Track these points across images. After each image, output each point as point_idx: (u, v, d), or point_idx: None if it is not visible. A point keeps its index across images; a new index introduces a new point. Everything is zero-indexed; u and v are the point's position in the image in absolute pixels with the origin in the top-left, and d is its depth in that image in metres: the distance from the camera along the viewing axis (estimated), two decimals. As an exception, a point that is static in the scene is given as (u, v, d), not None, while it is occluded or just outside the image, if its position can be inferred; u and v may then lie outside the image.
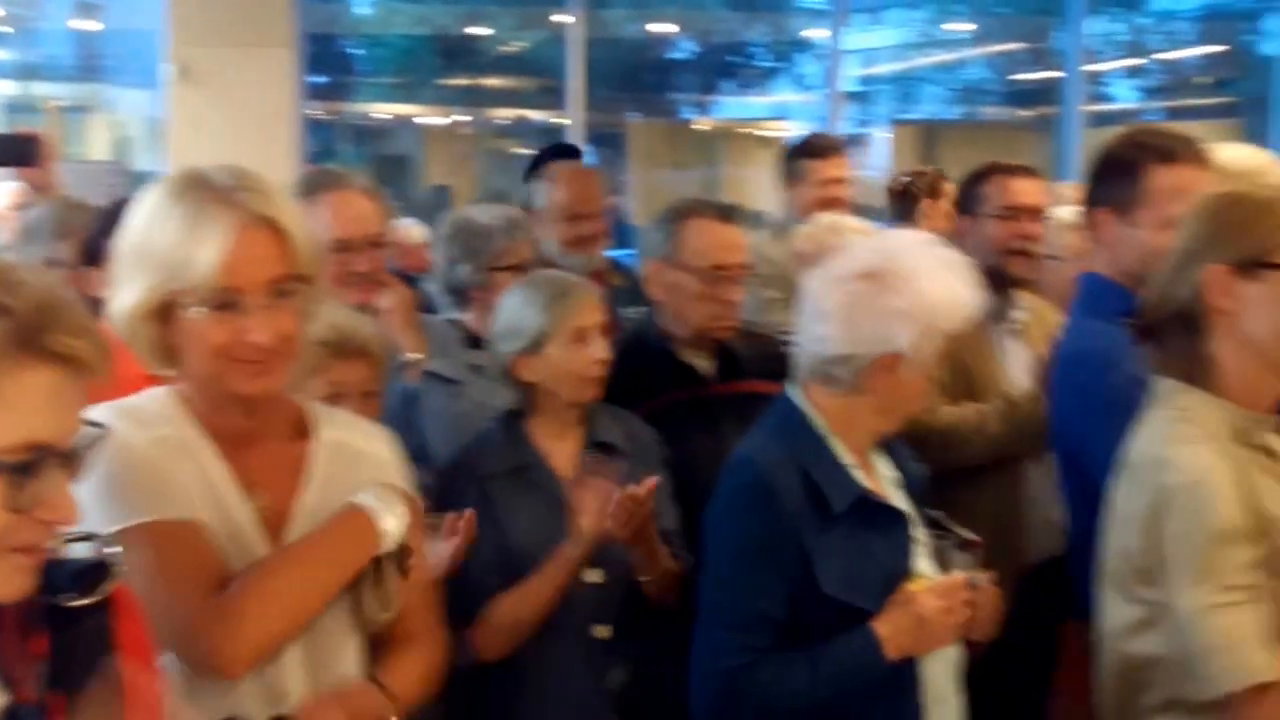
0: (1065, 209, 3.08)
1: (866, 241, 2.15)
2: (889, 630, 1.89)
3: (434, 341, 2.69)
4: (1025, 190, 2.96)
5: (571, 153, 4.39)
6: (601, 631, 2.30)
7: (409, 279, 3.56)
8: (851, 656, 1.90)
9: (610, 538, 2.20)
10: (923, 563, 2.02)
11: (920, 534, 2.05)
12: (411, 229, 5.20)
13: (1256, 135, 7.31)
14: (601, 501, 2.18)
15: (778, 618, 1.91)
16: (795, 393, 2.04)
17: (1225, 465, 1.69)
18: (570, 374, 2.33)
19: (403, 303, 2.68)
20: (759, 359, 2.61)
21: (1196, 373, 1.77)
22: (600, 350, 2.33)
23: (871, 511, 1.98)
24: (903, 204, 4.36)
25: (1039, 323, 2.92)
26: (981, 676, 2.11)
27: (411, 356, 2.60)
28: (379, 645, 1.67)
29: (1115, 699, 1.82)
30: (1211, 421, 1.74)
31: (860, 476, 1.99)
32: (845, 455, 1.98)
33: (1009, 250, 2.90)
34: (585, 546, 2.20)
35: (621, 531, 2.19)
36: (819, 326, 1.96)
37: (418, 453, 2.52)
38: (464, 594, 2.15)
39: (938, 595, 1.92)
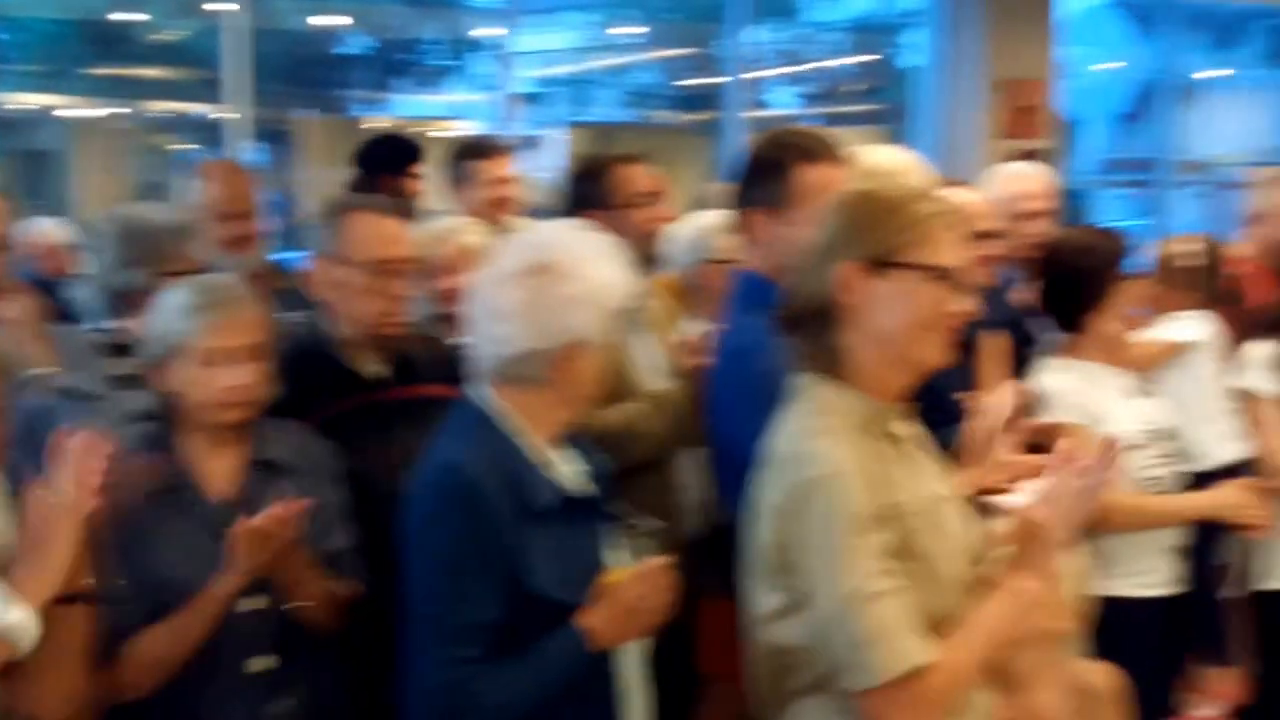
0: (718, 209, 3.16)
1: (522, 237, 2.13)
2: (596, 623, 1.93)
3: (68, 354, 2.48)
4: (648, 176, 3.06)
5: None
6: (263, 663, 2.16)
7: (48, 284, 3.30)
8: (564, 654, 1.91)
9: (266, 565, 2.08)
10: (616, 552, 2.05)
11: (611, 524, 2.08)
12: (51, 230, 4.84)
13: (900, 141, 7.81)
14: (255, 527, 2.05)
15: (492, 624, 1.89)
16: (478, 394, 2.01)
17: (859, 456, 1.74)
18: (200, 394, 2.16)
19: (29, 311, 2.47)
20: (432, 362, 2.54)
21: (832, 365, 1.82)
22: (233, 377, 2.15)
23: (573, 506, 1.99)
24: None
25: (659, 311, 3.00)
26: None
27: (39, 371, 2.38)
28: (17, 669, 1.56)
29: (766, 683, 1.86)
30: (845, 413, 1.79)
31: (556, 472, 2.00)
32: (540, 452, 1.99)
33: (651, 234, 3.00)
34: (240, 578, 2.06)
35: (268, 559, 2.07)
36: (497, 327, 1.95)
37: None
38: (106, 627, 1.95)
39: (638, 583, 1.96)
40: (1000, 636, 1.79)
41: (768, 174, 2.31)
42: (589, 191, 3.01)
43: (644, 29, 9.30)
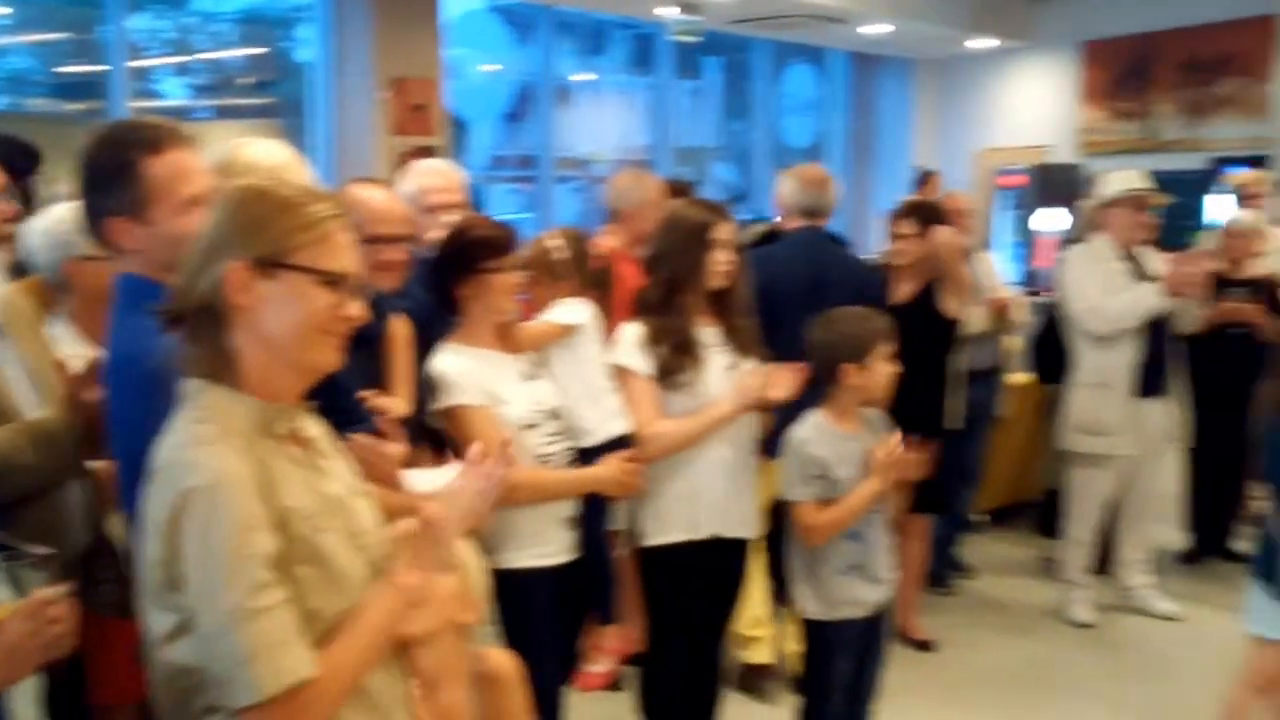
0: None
1: None
2: None
3: None
4: None
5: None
6: None
7: None
8: None
9: None
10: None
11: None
12: None
13: (294, 135, 7.78)
14: None
15: None
16: None
17: (247, 463, 1.68)
18: None
19: None
20: None
21: (222, 369, 1.76)
22: None
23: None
24: None
25: (17, 318, 2.72)
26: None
27: None
28: None
29: (169, 708, 1.78)
30: (235, 418, 1.73)
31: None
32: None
33: (5, 237, 2.68)
34: None
35: None
36: None
37: None
38: None
39: (22, 619, 1.81)
40: (385, 634, 1.80)
41: (115, 178, 2.13)
42: None
43: (10, 11, 8.51)
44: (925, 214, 4.98)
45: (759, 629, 4.57)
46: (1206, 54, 10.21)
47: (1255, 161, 8.23)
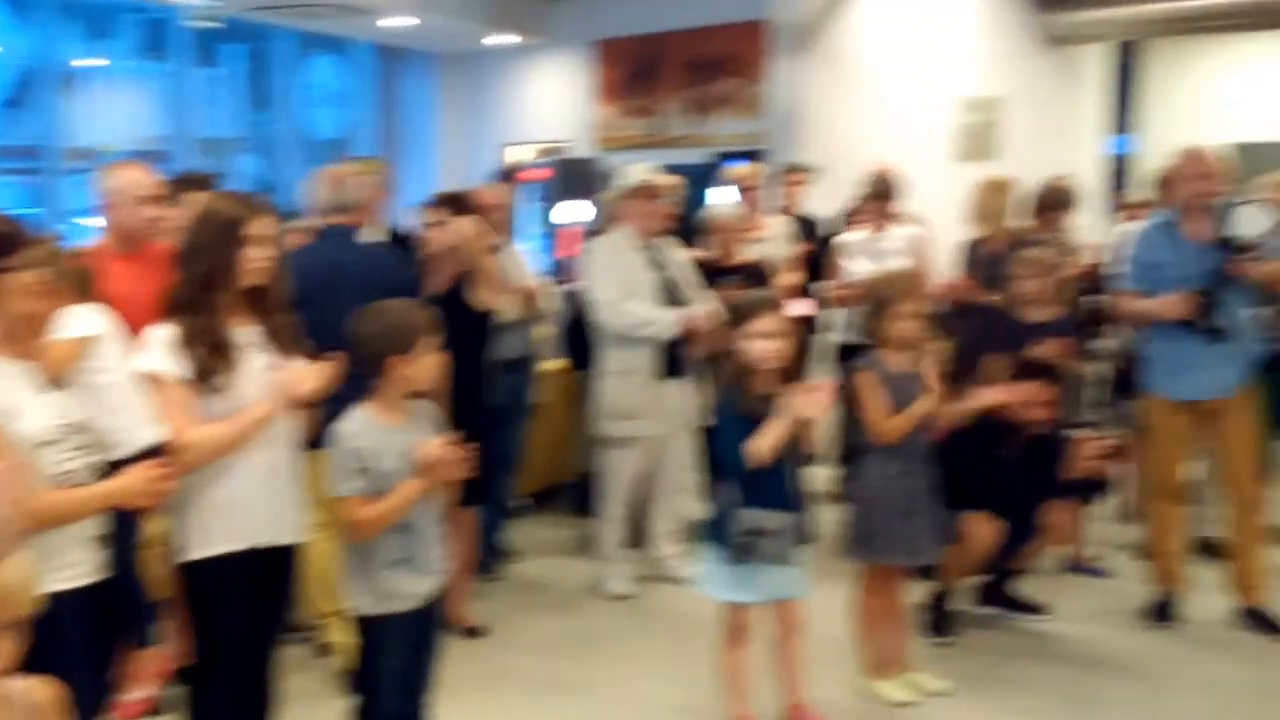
0: None
1: None
2: None
3: None
4: None
5: None
6: None
7: None
8: None
9: None
10: None
11: None
12: None
13: None
14: None
15: None
16: None
17: None
18: None
19: None
20: None
21: None
22: None
23: None
24: None
25: None
26: None
27: None
28: None
29: None
30: None
31: None
32: None
33: None
34: None
35: None
36: None
37: None
38: None
39: None
40: None
41: None
42: None
43: None
44: (454, 204, 5.08)
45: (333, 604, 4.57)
46: (707, 55, 11.05)
47: (752, 156, 8.98)
